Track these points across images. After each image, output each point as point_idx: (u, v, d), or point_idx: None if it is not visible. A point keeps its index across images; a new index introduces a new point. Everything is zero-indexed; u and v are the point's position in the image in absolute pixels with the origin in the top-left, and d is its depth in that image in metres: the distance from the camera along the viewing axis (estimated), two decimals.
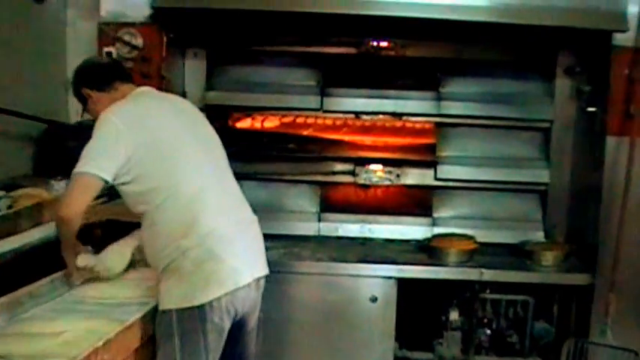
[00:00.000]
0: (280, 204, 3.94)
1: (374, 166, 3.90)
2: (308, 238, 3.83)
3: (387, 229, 3.89)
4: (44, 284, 2.48)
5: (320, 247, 3.68)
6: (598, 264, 3.38)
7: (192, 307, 2.32)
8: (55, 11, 3.76)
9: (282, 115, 3.98)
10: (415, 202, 3.98)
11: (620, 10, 3.29)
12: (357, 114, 3.91)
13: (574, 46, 3.76)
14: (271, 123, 4.01)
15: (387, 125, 3.96)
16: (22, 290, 2.37)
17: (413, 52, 3.86)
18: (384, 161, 3.90)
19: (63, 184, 3.13)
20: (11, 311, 2.28)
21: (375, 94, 3.87)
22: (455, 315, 3.60)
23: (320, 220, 3.91)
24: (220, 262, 2.36)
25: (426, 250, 3.60)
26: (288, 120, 3.99)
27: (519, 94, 3.88)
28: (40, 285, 2.45)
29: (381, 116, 3.91)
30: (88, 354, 1.90)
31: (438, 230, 3.83)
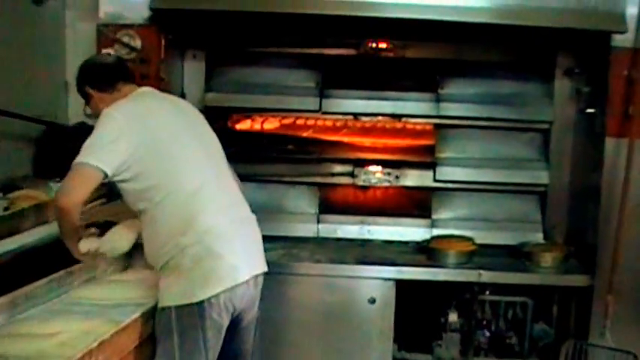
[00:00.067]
0: (279, 205, 3.94)
1: (373, 168, 3.91)
2: (307, 239, 3.83)
3: (386, 230, 3.89)
4: (41, 285, 2.48)
5: (319, 248, 3.67)
6: (597, 265, 3.37)
7: (191, 304, 2.34)
8: (54, 13, 3.76)
9: (282, 117, 3.98)
10: (414, 204, 3.98)
11: (619, 12, 3.28)
12: (356, 115, 3.91)
13: (573, 48, 3.76)
14: (271, 124, 4.01)
15: (387, 127, 3.96)
16: (19, 291, 2.37)
17: (412, 54, 3.87)
18: (383, 162, 3.90)
19: None
20: (7, 312, 2.28)
21: (375, 95, 3.87)
22: (454, 316, 3.58)
23: (319, 222, 3.91)
24: (219, 259, 2.38)
25: (425, 252, 3.59)
26: (288, 121, 3.99)
27: (518, 95, 3.88)
28: (37, 286, 2.46)
29: (380, 117, 3.91)
30: (82, 355, 1.90)
31: (437, 232, 3.83)
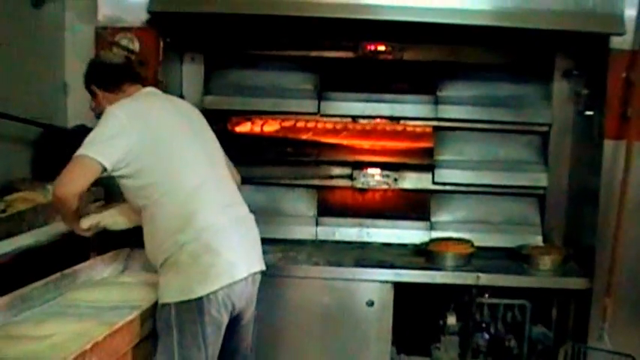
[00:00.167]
0: (278, 208, 3.94)
1: (371, 170, 3.90)
2: (305, 242, 3.83)
3: (385, 233, 3.89)
4: (37, 287, 2.49)
5: (317, 251, 3.67)
6: (596, 268, 3.35)
7: (189, 300, 2.37)
8: (53, 15, 3.77)
9: (282, 120, 3.98)
10: (413, 206, 3.96)
11: (618, 14, 3.27)
12: (355, 118, 3.91)
13: (572, 50, 3.75)
14: (270, 127, 4.01)
15: (386, 129, 3.95)
16: (14, 294, 2.38)
17: (410, 56, 3.86)
18: (381, 165, 3.89)
19: None
20: (3, 314, 2.30)
21: (373, 97, 3.87)
22: (452, 319, 3.57)
23: (317, 224, 3.90)
24: (217, 255, 2.41)
25: (424, 254, 3.59)
26: (288, 124, 3.99)
27: (517, 97, 3.87)
28: (32, 288, 2.47)
29: (379, 120, 3.91)
30: (75, 357, 1.90)
31: (435, 234, 3.82)
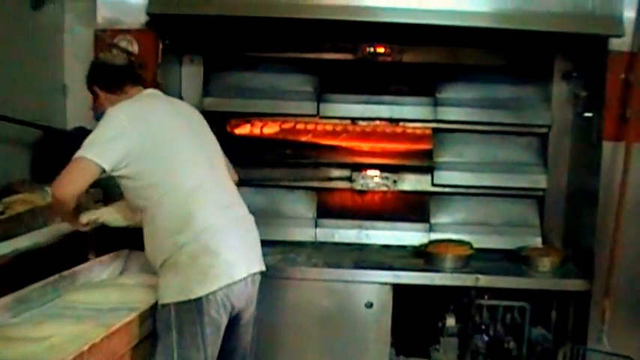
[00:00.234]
0: (277, 210, 3.94)
1: (371, 172, 3.90)
2: (304, 243, 3.83)
3: (384, 234, 3.89)
4: (36, 289, 2.49)
5: (316, 252, 3.67)
6: (595, 269, 3.35)
7: (189, 301, 2.38)
8: (53, 17, 3.78)
9: (282, 121, 3.98)
10: (412, 208, 3.96)
11: (616, 16, 3.27)
12: (354, 120, 3.91)
13: (571, 51, 3.75)
14: (270, 129, 4.01)
15: (385, 131, 3.95)
16: (12, 296, 2.38)
17: (409, 58, 3.86)
18: (380, 167, 3.90)
19: None
20: (2, 316, 2.29)
21: (372, 99, 3.87)
22: (451, 321, 3.56)
23: (317, 226, 3.90)
24: (216, 256, 2.42)
25: (423, 256, 3.58)
26: (287, 126, 3.99)
27: (516, 99, 3.87)
28: (31, 290, 2.47)
29: (378, 122, 3.91)
30: (73, 358, 1.90)
31: (434, 236, 3.82)
